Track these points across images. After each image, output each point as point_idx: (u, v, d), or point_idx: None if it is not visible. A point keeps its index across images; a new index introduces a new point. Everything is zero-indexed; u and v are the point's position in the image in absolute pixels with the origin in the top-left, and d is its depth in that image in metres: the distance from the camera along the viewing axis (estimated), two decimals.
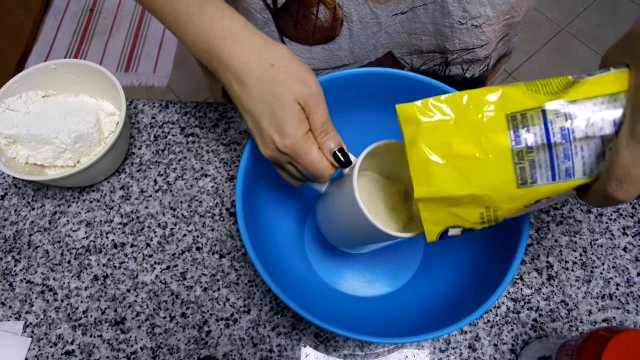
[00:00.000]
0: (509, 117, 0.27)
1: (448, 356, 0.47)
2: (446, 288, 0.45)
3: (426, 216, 0.31)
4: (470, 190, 0.28)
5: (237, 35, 0.35)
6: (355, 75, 0.44)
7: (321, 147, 0.36)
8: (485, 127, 0.27)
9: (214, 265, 0.51)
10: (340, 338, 0.48)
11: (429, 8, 0.45)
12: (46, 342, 0.47)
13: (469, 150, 0.27)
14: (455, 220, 0.31)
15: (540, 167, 0.27)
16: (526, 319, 0.48)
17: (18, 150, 0.51)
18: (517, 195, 0.28)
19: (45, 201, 0.54)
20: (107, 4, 1.77)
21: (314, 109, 0.35)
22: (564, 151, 0.26)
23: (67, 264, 0.51)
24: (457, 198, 0.29)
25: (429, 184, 0.29)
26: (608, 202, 0.26)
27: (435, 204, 0.30)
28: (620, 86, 0.25)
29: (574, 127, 0.26)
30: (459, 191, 0.28)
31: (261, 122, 0.35)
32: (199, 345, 0.47)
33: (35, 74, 0.52)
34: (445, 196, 0.29)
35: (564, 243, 0.52)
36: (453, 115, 0.28)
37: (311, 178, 0.38)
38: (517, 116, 0.26)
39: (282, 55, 0.35)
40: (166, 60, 1.65)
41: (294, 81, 0.34)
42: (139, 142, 0.57)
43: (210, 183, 0.55)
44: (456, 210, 0.30)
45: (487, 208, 0.29)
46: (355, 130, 0.48)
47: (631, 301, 0.49)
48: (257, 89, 0.34)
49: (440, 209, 0.30)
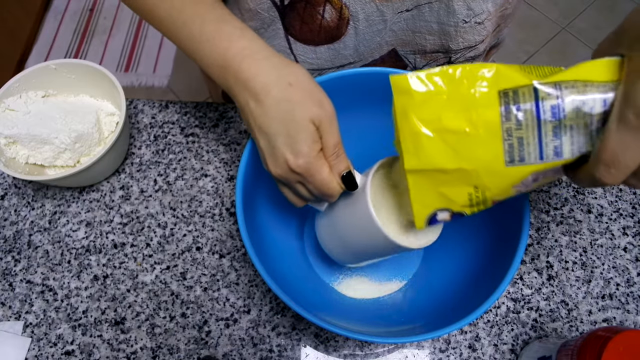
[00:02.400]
0: (501, 93, 0.27)
1: (448, 356, 0.47)
2: (446, 288, 0.45)
3: (415, 195, 0.31)
4: (459, 164, 0.28)
5: (256, 55, 0.36)
6: (358, 75, 0.44)
7: (332, 168, 0.36)
8: (476, 102, 0.27)
9: (214, 265, 0.51)
10: (340, 338, 0.48)
11: (434, 7, 0.45)
12: (46, 342, 0.47)
13: (459, 124, 0.27)
14: (444, 202, 0.31)
15: (528, 145, 0.27)
16: (526, 319, 0.48)
17: (18, 150, 0.51)
18: (505, 173, 0.28)
19: (45, 201, 0.54)
20: (107, 3, 1.77)
21: (328, 130, 0.35)
22: (553, 129, 0.26)
23: (67, 264, 0.51)
24: (446, 172, 0.29)
25: (419, 156, 0.29)
26: (595, 185, 0.27)
27: (424, 180, 0.30)
28: (612, 73, 0.25)
29: (565, 106, 0.26)
30: (448, 164, 0.28)
31: (275, 141, 0.35)
32: (199, 345, 0.47)
33: (35, 73, 0.52)
34: (434, 169, 0.29)
35: (564, 243, 0.52)
36: (446, 89, 0.28)
37: (320, 197, 0.38)
38: (509, 92, 0.26)
39: (300, 75, 0.35)
40: (166, 60, 1.65)
41: (310, 102, 0.34)
42: (138, 142, 0.57)
43: (210, 183, 0.55)
44: (445, 190, 0.30)
45: (475, 188, 0.29)
46: (356, 131, 0.48)
47: (631, 301, 0.49)
48: (273, 108, 0.35)
49: (429, 188, 0.30)
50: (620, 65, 0.25)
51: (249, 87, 0.35)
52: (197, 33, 0.38)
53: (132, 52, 1.66)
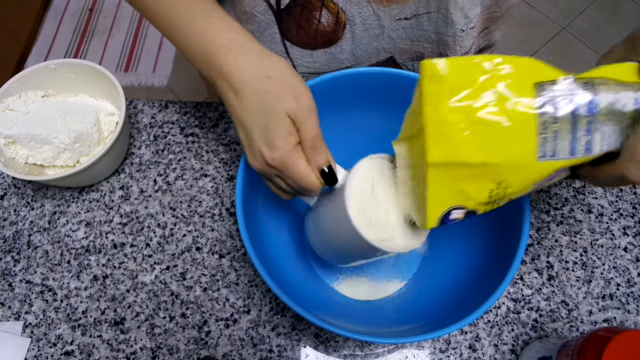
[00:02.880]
0: (537, 85, 0.26)
1: (448, 356, 0.47)
2: (446, 288, 0.45)
3: (433, 191, 0.29)
4: (488, 158, 0.27)
5: (239, 48, 0.36)
6: (356, 75, 0.44)
7: (310, 162, 0.36)
8: (512, 94, 0.26)
9: (214, 265, 0.50)
10: (340, 338, 0.48)
11: (432, 17, 0.46)
12: (45, 343, 0.47)
13: (493, 116, 0.26)
14: (461, 199, 0.29)
15: (562, 139, 0.26)
16: (526, 319, 0.48)
17: (17, 150, 0.51)
18: (534, 169, 0.27)
19: (44, 201, 0.54)
20: (107, 3, 1.77)
21: (305, 123, 0.35)
22: (587, 125, 0.26)
23: (67, 264, 0.51)
24: (472, 166, 0.27)
25: (446, 147, 0.27)
26: (620, 183, 0.27)
27: (446, 175, 0.28)
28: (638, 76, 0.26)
29: (599, 101, 0.26)
30: (476, 158, 0.27)
31: (252, 134, 0.35)
32: (198, 345, 0.47)
33: (35, 73, 0.52)
34: (459, 162, 0.27)
35: (565, 243, 0.52)
36: (479, 78, 0.26)
37: (300, 192, 0.38)
38: (546, 86, 0.26)
39: (280, 68, 0.35)
40: (166, 60, 1.65)
41: (287, 95, 0.34)
42: (138, 142, 0.57)
43: (210, 183, 0.55)
44: (465, 186, 0.28)
45: (498, 185, 0.28)
46: (355, 130, 0.48)
47: (632, 301, 0.49)
48: (251, 101, 0.35)
49: (449, 184, 0.28)
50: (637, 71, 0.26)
51: (230, 80, 0.35)
52: (186, 27, 0.38)
53: (132, 52, 1.66)
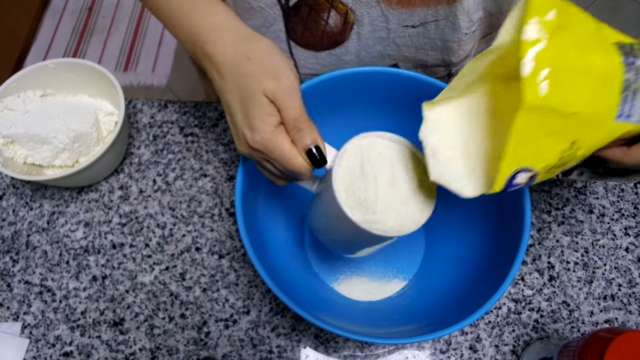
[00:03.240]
0: (618, 45, 0.26)
1: (449, 357, 0.47)
2: (447, 288, 0.45)
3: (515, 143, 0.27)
4: (580, 107, 0.26)
5: (222, 29, 0.35)
6: (355, 75, 0.43)
7: (295, 144, 0.34)
8: (600, 47, 0.26)
9: (213, 265, 0.50)
10: (340, 339, 0.48)
11: (440, 24, 0.46)
12: (44, 343, 0.47)
13: (587, 64, 0.26)
14: (535, 159, 0.28)
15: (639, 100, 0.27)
16: (527, 319, 0.48)
17: (16, 150, 0.50)
18: (609, 128, 0.27)
19: (43, 201, 0.54)
20: (106, 3, 1.76)
21: (284, 104, 0.33)
22: None
23: (66, 264, 0.50)
24: (563, 116, 0.27)
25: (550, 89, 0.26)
26: None
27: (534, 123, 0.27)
28: None
29: None
30: (572, 107, 0.26)
31: (235, 117, 0.35)
32: (198, 346, 0.47)
33: (34, 73, 0.51)
34: (556, 109, 0.26)
35: (566, 243, 0.52)
36: (572, 24, 0.26)
37: (291, 176, 0.36)
38: (627, 45, 0.26)
39: (260, 49, 0.34)
40: (165, 60, 1.65)
41: (265, 75, 0.33)
42: (137, 142, 0.57)
43: (209, 183, 0.54)
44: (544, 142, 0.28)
45: (572, 144, 0.28)
46: (356, 130, 0.48)
47: (633, 302, 0.49)
48: (232, 83, 0.34)
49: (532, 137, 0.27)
50: None
51: (214, 62, 0.35)
52: (177, 10, 0.37)
53: (131, 51, 1.66)
